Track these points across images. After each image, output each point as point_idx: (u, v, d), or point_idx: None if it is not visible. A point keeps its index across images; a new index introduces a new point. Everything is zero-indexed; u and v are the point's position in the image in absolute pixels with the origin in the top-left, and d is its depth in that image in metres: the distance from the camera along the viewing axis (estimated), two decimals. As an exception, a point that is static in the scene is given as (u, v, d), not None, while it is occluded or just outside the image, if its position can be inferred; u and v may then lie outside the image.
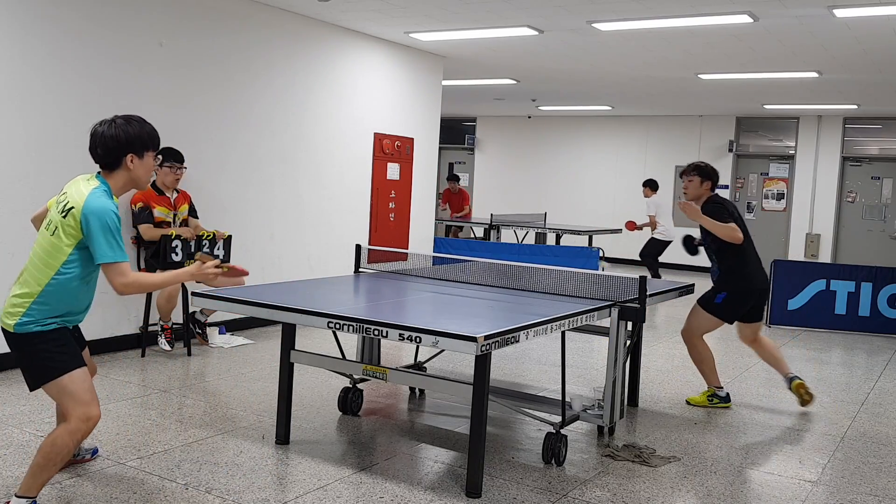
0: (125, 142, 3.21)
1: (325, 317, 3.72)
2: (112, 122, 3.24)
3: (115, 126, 3.23)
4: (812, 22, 7.16)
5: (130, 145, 3.22)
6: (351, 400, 4.96)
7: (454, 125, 17.93)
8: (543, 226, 13.70)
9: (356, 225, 8.79)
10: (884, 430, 5.26)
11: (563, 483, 4.00)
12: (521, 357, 6.88)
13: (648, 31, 7.90)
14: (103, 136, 3.22)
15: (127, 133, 3.22)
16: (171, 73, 6.61)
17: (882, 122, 14.35)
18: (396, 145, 9.21)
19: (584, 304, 4.40)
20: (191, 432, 4.47)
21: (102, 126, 3.25)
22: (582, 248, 11.54)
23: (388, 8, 7.44)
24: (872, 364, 7.46)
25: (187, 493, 3.62)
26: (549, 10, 7.19)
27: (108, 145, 3.21)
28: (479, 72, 11.13)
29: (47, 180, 5.78)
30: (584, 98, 13.75)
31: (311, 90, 8.03)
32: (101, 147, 3.23)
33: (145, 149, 3.27)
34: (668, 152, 15.85)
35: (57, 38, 5.77)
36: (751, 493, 4.01)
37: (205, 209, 6.84)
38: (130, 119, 3.27)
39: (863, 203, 14.57)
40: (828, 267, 9.51)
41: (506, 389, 5.24)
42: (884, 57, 8.55)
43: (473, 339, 3.31)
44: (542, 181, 17.21)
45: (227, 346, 6.75)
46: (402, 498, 3.69)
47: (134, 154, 3.24)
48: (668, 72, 10.34)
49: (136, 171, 3.26)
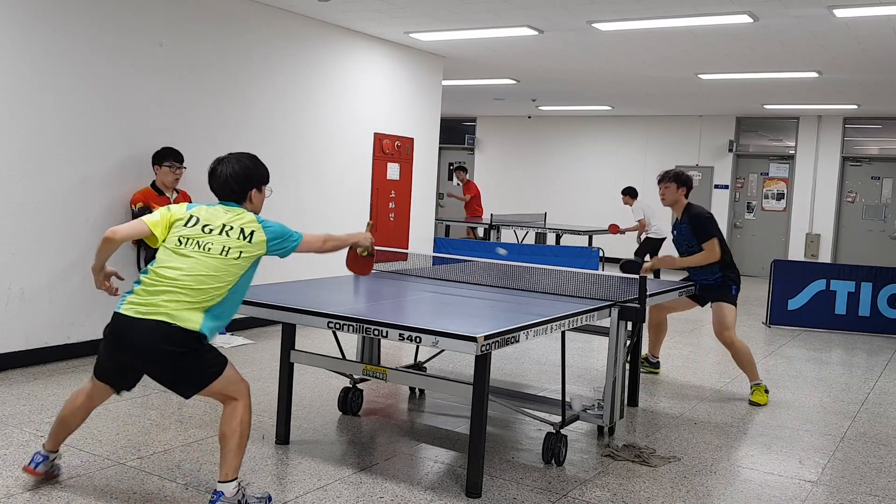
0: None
1: (325, 317, 3.73)
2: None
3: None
4: (812, 22, 7.16)
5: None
6: (351, 400, 4.96)
7: (454, 125, 17.93)
8: (543, 226, 13.70)
9: (356, 225, 8.78)
10: (884, 430, 5.26)
11: (563, 483, 4.00)
12: (521, 357, 6.88)
13: (648, 31, 7.90)
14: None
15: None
16: (171, 73, 6.61)
17: (882, 122, 14.35)
18: (396, 145, 9.22)
19: (584, 304, 4.40)
20: (191, 432, 4.47)
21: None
22: (582, 248, 11.54)
23: (388, 8, 7.44)
24: (872, 364, 7.46)
25: (187, 493, 3.62)
26: (549, 10, 7.19)
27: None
28: (479, 72, 11.13)
29: (47, 180, 5.79)
30: (584, 98, 13.75)
31: (311, 90, 8.03)
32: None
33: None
34: (668, 152, 15.85)
35: (56, 38, 5.77)
36: (751, 493, 4.01)
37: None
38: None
39: (863, 203, 14.57)
40: (828, 267, 9.51)
41: (506, 389, 5.24)
42: (884, 57, 8.55)
43: (473, 339, 3.31)
44: (542, 181, 17.21)
45: (227, 346, 6.75)
46: (402, 498, 3.69)
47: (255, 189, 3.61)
48: (668, 72, 10.34)
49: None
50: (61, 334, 5.93)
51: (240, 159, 3.60)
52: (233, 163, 3.58)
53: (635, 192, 12.16)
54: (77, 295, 5.98)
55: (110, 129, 6.16)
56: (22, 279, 5.68)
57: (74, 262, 5.89)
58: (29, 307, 5.74)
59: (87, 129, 6.04)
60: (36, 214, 5.72)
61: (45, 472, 3.61)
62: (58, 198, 5.84)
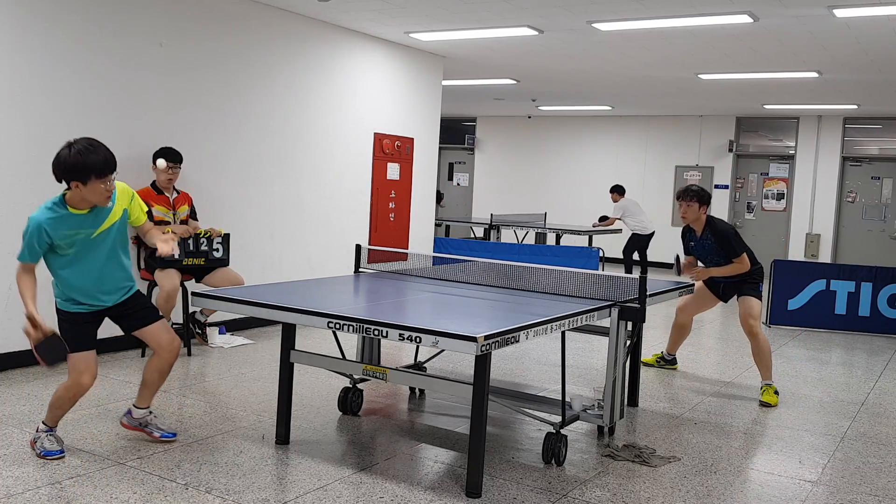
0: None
1: (325, 317, 3.72)
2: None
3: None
4: (812, 22, 7.16)
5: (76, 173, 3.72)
6: (351, 400, 4.96)
7: (454, 125, 17.93)
8: (543, 226, 13.71)
9: (356, 225, 8.79)
10: (884, 430, 5.26)
11: (563, 483, 4.00)
12: (521, 357, 6.88)
13: (648, 31, 7.90)
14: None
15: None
16: (171, 73, 6.61)
17: (882, 122, 14.36)
18: (396, 145, 9.22)
19: (584, 304, 4.39)
20: (191, 432, 4.47)
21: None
22: (582, 248, 11.54)
23: (388, 8, 7.44)
24: (872, 364, 7.46)
25: (187, 493, 3.62)
26: (549, 10, 7.19)
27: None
28: (479, 72, 11.13)
29: (47, 181, 5.77)
30: (584, 98, 13.75)
31: (311, 90, 8.03)
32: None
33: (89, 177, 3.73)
34: (668, 152, 15.86)
35: (56, 38, 5.77)
36: (751, 493, 4.01)
37: (205, 209, 6.83)
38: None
39: (863, 203, 14.58)
40: (828, 267, 9.51)
41: (506, 389, 5.24)
42: (884, 57, 8.55)
43: (473, 339, 3.31)
44: (541, 181, 17.21)
45: (227, 346, 6.75)
46: (402, 498, 3.69)
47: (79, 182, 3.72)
48: (668, 72, 10.34)
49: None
50: (61, 334, 5.92)
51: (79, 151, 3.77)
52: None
53: (623, 190, 12.81)
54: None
55: (110, 129, 6.16)
56: (22, 279, 5.67)
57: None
58: (29, 307, 5.73)
59: (87, 129, 6.03)
60: (36, 214, 5.71)
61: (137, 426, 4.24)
62: (58, 198, 5.83)
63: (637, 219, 12.55)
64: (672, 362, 6.70)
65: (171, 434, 4.30)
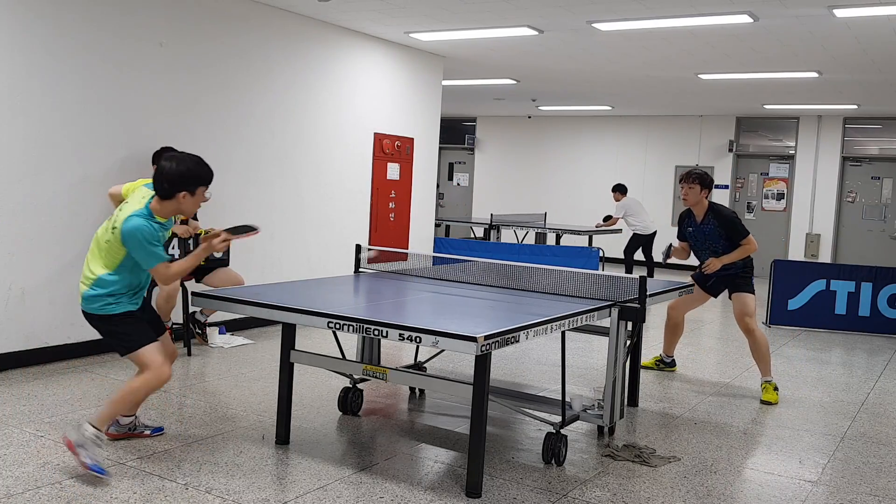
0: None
1: (325, 317, 3.72)
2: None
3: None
4: (812, 22, 7.16)
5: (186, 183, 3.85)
6: (351, 400, 4.96)
7: (454, 125, 17.93)
8: (543, 226, 13.70)
9: (356, 225, 8.79)
10: (884, 430, 5.26)
11: (563, 483, 4.00)
12: (521, 357, 6.88)
13: (648, 31, 7.90)
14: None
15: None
16: (170, 73, 6.61)
17: (882, 122, 14.35)
18: (396, 145, 9.22)
19: (584, 304, 4.39)
20: (191, 432, 4.47)
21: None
22: (582, 248, 11.54)
23: (388, 8, 7.44)
24: (872, 364, 7.47)
25: (187, 493, 3.62)
26: (549, 10, 7.19)
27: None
28: (479, 72, 11.13)
29: (47, 181, 5.79)
30: (584, 98, 13.75)
31: (311, 90, 8.03)
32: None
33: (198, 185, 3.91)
34: (668, 152, 15.86)
35: (56, 38, 5.77)
36: (751, 493, 4.01)
37: (205, 209, 6.80)
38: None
39: (863, 203, 14.57)
40: (828, 267, 9.51)
41: (506, 389, 5.24)
42: (884, 57, 8.55)
43: (473, 339, 3.31)
44: (542, 181, 17.21)
45: (227, 346, 6.75)
46: (402, 498, 3.69)
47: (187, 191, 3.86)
48: (668, 72, 10.34)
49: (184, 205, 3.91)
50: (61, 334, 5.92)
51: (182, 160, 3.91)
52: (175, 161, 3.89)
53: (625, 189, 12.77)
54: (77, 295, 5.96)
55: (110, 129, 6.16)
56: (22, 279, 5.68)
57: (74, 262, 5.88)
58: (29, 307, 5.74)
59: (87, 129, 6.04)
60: (36, 214, 5.72)
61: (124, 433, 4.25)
62: (58, 198, 5.84)
63: (639, 218, 12.51)
64: (671, 364, 6.68)
65: (160, 428, 4.39)
